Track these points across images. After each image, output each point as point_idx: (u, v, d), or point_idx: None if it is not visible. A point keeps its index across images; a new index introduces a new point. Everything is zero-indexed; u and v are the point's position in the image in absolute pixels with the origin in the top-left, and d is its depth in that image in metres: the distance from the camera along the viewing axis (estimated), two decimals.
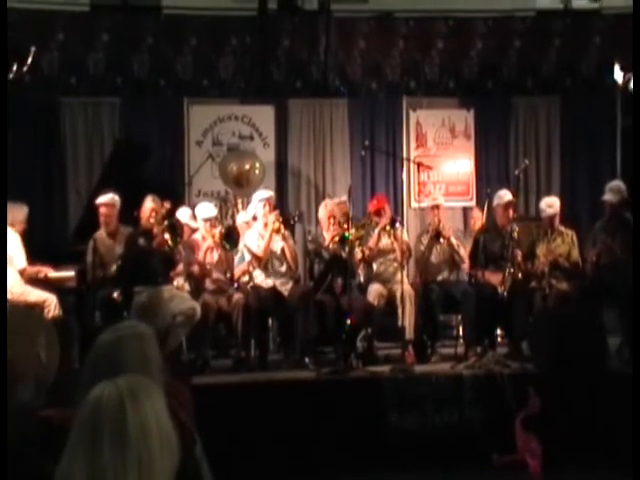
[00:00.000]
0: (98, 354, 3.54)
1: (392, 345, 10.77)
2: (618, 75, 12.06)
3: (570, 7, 13.68)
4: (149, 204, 10.40)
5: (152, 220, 10.27)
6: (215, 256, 10.56)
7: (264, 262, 10.52)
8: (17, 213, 10.67)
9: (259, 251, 10.45)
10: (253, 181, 11.96)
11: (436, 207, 11.21)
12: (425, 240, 11.08)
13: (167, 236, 10.18)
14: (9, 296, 9.84)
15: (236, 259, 10.73)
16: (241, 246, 10.73)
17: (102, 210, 10.64)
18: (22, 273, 10.39)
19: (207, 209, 10.67)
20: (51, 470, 2.42)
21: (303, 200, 13.21)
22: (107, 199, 10.64)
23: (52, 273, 10.66)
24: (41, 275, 10.56)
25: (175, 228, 10.52)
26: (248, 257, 10.58)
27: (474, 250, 10.79)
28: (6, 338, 4.25)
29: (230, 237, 10.80)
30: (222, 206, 12.13)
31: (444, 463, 8.77)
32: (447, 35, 13.44)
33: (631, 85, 11.95)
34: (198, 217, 10.65)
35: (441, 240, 10.99)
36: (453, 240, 11.04)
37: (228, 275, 10.66)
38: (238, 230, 11.09)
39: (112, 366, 3.25)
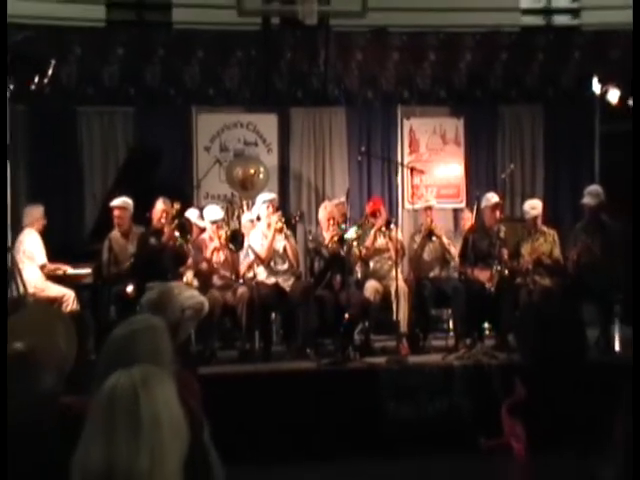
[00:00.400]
0: (113, 346, 3.55)
1: (387, 338, 10.77)
2: (596, 87, 12.07)
3: (552, 24, 13.71)
4: (160, 206, 10.45)
5: (163, 220, 10.31)
6: (222, 256, 10.58)
7: (267, 260, 10.54)
8: (34, 213, 10.76)
9: (263, 249, 10.48)
10: (257, 184, 11.98)
11: (429, 208, 11.27)
12: (418, 239, 11.12)
13: (177, 234, 10.23)
14: (32, 290, 9.90)
15: (241, 256, 10.74)
16: (246, 244, 10.74)
17: (115, 213, 10.68)
18: (42, 269, 10.46)
19: (214, 212, 10.70)
20: (69, 455, 2.43)
21: (304, 202, 13.22)
22: (120, 203, 10.69)
23: (70, 270, 10.72)
24: (60, 272, 10.63)
25: (185, 227, 10.55)
26: (252, 255, 10.60)
27: (464, 249, 10.81)
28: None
29: (235, 239, 10.81)
30: (228, 207, 12.13)
31: (436, 448, 8.78)
32: (438, 48, 13.43)
33: (608, 96, 11.97)
34: (206, 219, 10.68)
35: (433, 239, 11.04)
36: (445, 239, 11.08)
37: (234, 276, 10.69)
38: (243, 233, 11.09)
39: (126, 357, 3.25)
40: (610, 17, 13.42)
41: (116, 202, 10.69)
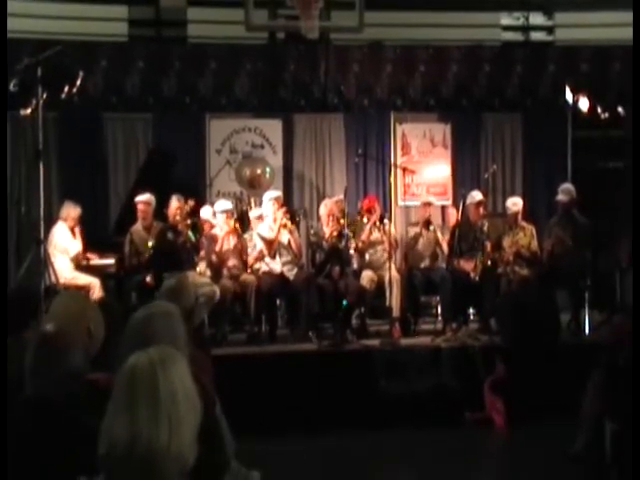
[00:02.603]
0: (133, 328, 3.61)
1: (381, 322, 10.76)
2: (569, 96, 12.10)
3: (529, 40, 13.71)
4: (174, 203, 10.46)
5: (178, 217, 10.32)
6: (232, 242, 10.58)
7: (273, 251, 10.57)
8: (71, 210, 10.78)
9: (269, 242, 10.50)
10: (264, 183, 11.99)
11: (428, 204, 11.31)
12: (412, 231, 11.15)
13: (190, 233, 10.26)
14: (62, 280, 9.91)
15: (249, 248, 10.76)
16: (254, 237, 10.75)
17: (140, 207, 10.69)
18: (74, 259, 10.51)
19: (224, 203, 10.81)
20: (96, 425, 2.47)
21: (306, 199, 13.20)
22: (145, 198, 10.70)
23: (96, 261, 10.76)
24: (85, 262, 10.67)
25: (197, 225, 10.54)
26: (260, 247, 10.61)
27: (451, 242, 10.86)
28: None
29: (242, 221, 10.84)
30: (237, 204, 12.15)
31: (424, 420, 8.84)
32: (428, 61, 13.42)
33: (579, 105, 12.01)
34: (217, 210, 10.67)
35: (431, 228, 11.05)
36: (439, 234, 11.11)
37: (243, 258, 10.69)
38: (249, 217, 11.12)
39: (144, 338, 3.30)
40: (580, 34, 13.46)
41: (141, 197, 10.71)
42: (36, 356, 3.37)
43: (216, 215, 10.73)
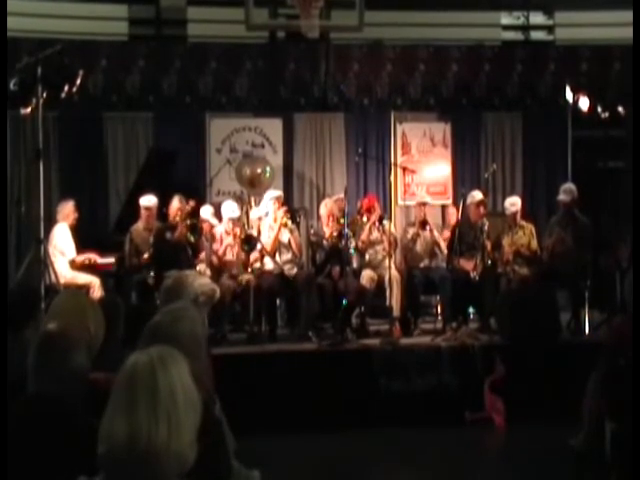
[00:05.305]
0: (156, 331, 3.59)
1: (381, 321, 10.73)
2: (569, 95, 12.12)
3: (529, 39, 13.73)
4: (176, 204, 10.45)
5: (178, 218, 10.31)
6: (235, 251, 10.52)
7: (273, 251, 10.56)
8: (65, 209, 10.78)
9: (269, 241, 10.50)
10: (264, 182, 11.97)
11: (423, 204, 11.29)
12: (410, 231, 11.14)
13: (189, 234, 10.24)
14: (62, 280, 9.90)
15: None
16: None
17: (144, 212, 10.60)
18: (71, 264, 10.48)
19: (232, 209, 10.62)
20: (96, 423, 2.47)
21: (306, 198, 13.22)
22: (152, 204, 10.59)
23: (99, 260, 10.76)
24: (91, 261, 10.66)
25: (196, 227, 10.52)
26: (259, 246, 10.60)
27: (451, 241, 10.84)
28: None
29: (249, 243, 10.76)
30: (238, 203, 12.15)
31: (424, 420, 8.84)
32: (428, 60, 13.45)
33: (579, 104, 12.01)
34: (224, 216, 10.63)
35: (427, 227, 11.03)
36: (435, 233, 11.09)
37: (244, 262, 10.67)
38: (256, 238, 10.94)
39: (169, 340, 3.29)
40: (580, 34, 13.48)
41: (147, 203, 10.60)
42: (39, 354, 3.37)
43: (217, 215, 10.71)
